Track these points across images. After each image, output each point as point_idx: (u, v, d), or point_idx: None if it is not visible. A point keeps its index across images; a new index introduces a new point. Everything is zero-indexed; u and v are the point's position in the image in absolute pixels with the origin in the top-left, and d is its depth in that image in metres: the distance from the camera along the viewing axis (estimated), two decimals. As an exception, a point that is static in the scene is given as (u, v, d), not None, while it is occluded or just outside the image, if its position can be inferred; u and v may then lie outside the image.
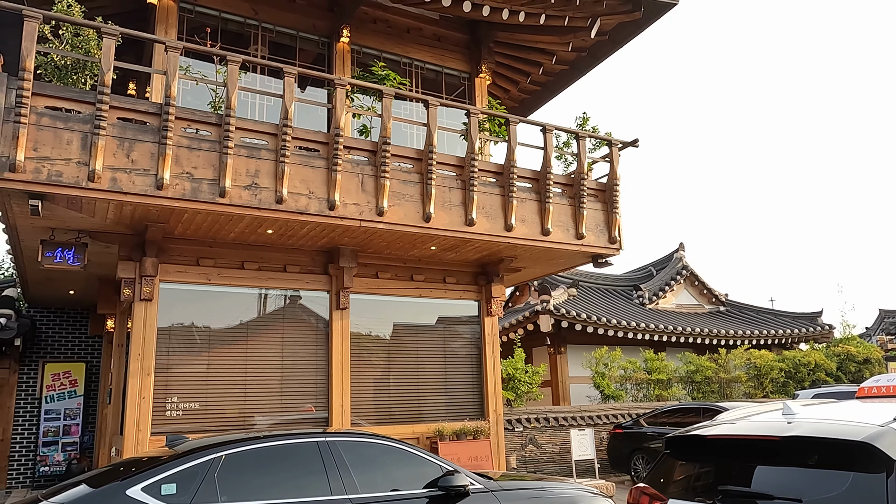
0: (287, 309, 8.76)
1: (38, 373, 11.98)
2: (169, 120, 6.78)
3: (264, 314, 8.62)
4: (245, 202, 7.16)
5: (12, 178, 6.14)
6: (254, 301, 8.56)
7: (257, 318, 8.57)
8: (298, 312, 8.83)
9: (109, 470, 4.94)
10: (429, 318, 9.76)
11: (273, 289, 8.64)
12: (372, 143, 8.10)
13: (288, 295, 8.76)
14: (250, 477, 4.60)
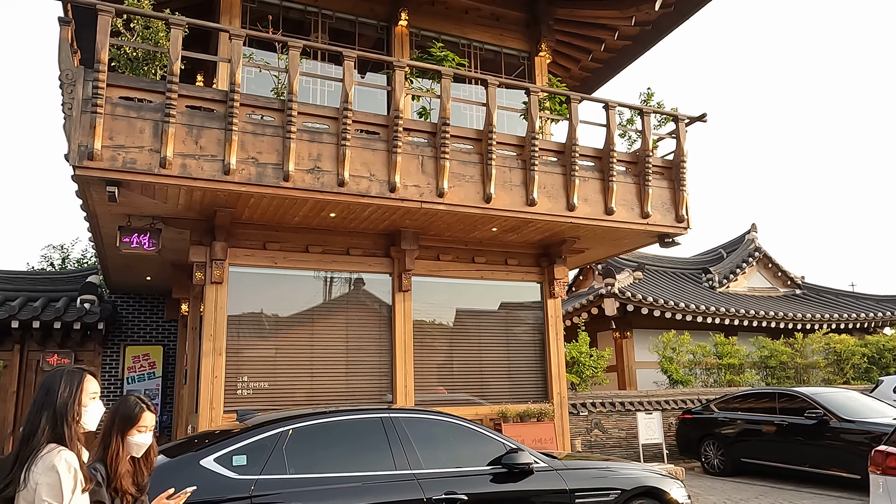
0: (350, 291, 8.90)
1: (119, 355, 12.61)
2: (234, 106, 6.95)
3: (328, 296, 8.78)
4: (308, 185, 7.28)
5: (91, 165, 6.44)
6: (318, 284, 8.73)
7: (322, 300, 8.73)
8: (361, 295, 8.96)
9: (183, 442, 5.15)
10: (490, 300, 9.72)
11: (336, 271, 8.79)
12: (431, 125, 8.10)
13: (351, 278, 8.89)
14: (316, 450, 4.71)
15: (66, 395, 2.54)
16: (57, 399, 2.52)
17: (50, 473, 2.37)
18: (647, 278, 17.87)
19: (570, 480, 5.17)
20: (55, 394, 2.54)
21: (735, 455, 11.03)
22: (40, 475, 2.37)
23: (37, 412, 2.51)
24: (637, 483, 5.44)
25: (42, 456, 2.42)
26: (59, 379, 2.58)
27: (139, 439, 2.86)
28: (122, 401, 3.04)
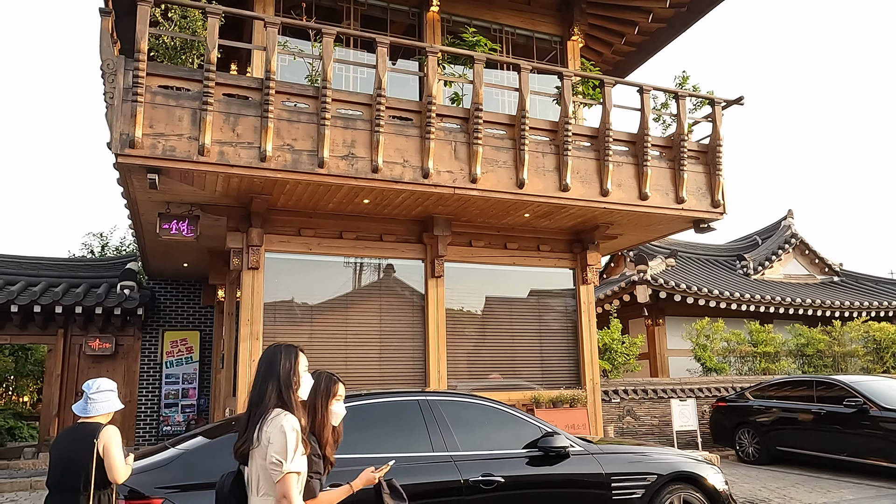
0: (383, 277, 8.97)
1: (158, 340, 12.91)
2: (270, 94, 7.03)
3: (362, 282, 8.87)
4: (342, 172, 7.35)
5: (132, 153, 6.58)
6: (352, 269, 8.81)
7: (355, 286, 8.82)
8: (394, 280, 9.02)
9: (223, 424, 5.27)
10: (523, 286, 9.71)
11: (370, 257, 8.86)
12: (464, 110, 8.09)
13: (384, 263, 8.96)
14: (357, 431, 4.77)
15: (286, 366, 2.84)
16: (279, 370, 2.82)
17: (277, 434, 2.68)
18: (680, 265, 17.65)
19: (606, 464, 5.18)
20: (277, 365, 2.84)
21: (770, 443, 10.90)
22: (270, 435, 2.69)
23: (262, 381, 2.83)
24: (674, 468, 5.42)
25: (270, 419, 2.74)
26: (279, 353, 2.88)
27: (338, 408, 3.10)
28: (319, 375, 3.29)
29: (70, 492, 3.56)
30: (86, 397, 3.81)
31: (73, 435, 3.70)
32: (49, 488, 3.66)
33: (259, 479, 2.73)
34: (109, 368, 12.63)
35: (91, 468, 3.57)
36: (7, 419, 15.97)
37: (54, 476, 3.63)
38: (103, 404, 3.82)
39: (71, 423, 11.95)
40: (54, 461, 3.67)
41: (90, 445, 3.61)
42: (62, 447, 3.67)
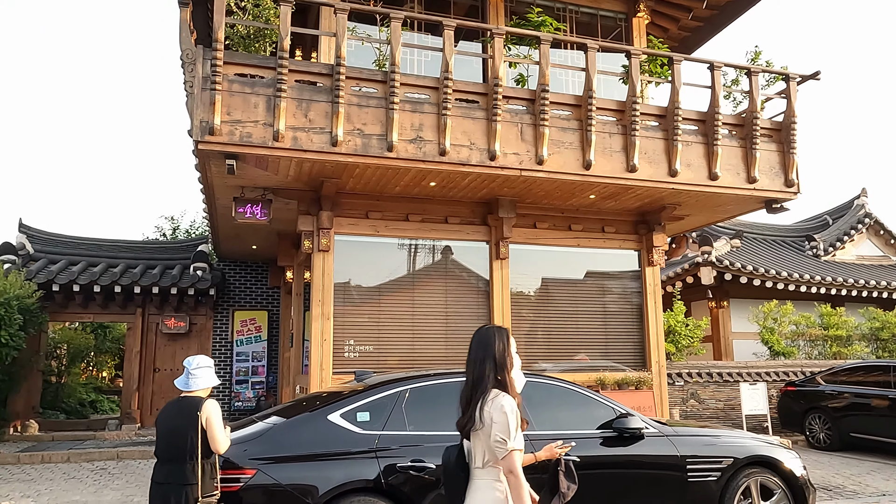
0: (448, 259, 9.07)
1: (229, 319, 13.42)
2: (340, 80, 7.17)
3: (427, 264, 9.00)
4: (411, 155, 7.45)
5: (211, 140, 6.84)
6: (418, 251, 8.95)
7: (421, 267, 8.96)
8: (459, 262, 9.12)
9: (300, 402, 5.48)
10: (587, 267, 9.67)
11: (435, 239, 8.97)
12: (530, 92, 8.06)
13: (449, 245, 9.05)
14: (433, 409, 4.91)
15: (500, 348, 2.95)
16: (494, 351, 2.93)
17: (499, 415, 2.80)
18: (746, 246, 17.17)
19: (681, 447, 5.17)
20: (492, 347, 2.95)
21: (842, 429, 10.60)
22: (492, 415, 2.81)
23: (480, 362, 2.94)
24: (750, 452, 5.37)
25: (490, 400, 2.86)
26: (493, 335, 3.00)
27: (518, 377, 3.12)
28: None
29: (177, 461, 3.80)
30: (187, 373, 4.04)
31: (177, 408, 3.93)
32: (158, 457, 3.92)
33: (483, 453, 2.88)
34: (184, 346, 13.22)
35: (196, 439, 3.80)
36: (89, 393, 16.93)
37: (162, 447, 3.87)
38: (203, 379, 4.04)
39: (148, 397, 12.57)
40: (161, 433, 3.92)
41: (194, 418, 3.84)
42: (168, 420, 3.90)
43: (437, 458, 4.57)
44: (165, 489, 3.78)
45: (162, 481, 3.81)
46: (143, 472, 9.18)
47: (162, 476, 3.82)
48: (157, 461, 3.92)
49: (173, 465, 3.81)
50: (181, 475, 3.77)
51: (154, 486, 3.84)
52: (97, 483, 8.44)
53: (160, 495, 3.78)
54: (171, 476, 3.79)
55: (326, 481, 4.36)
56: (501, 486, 2.85)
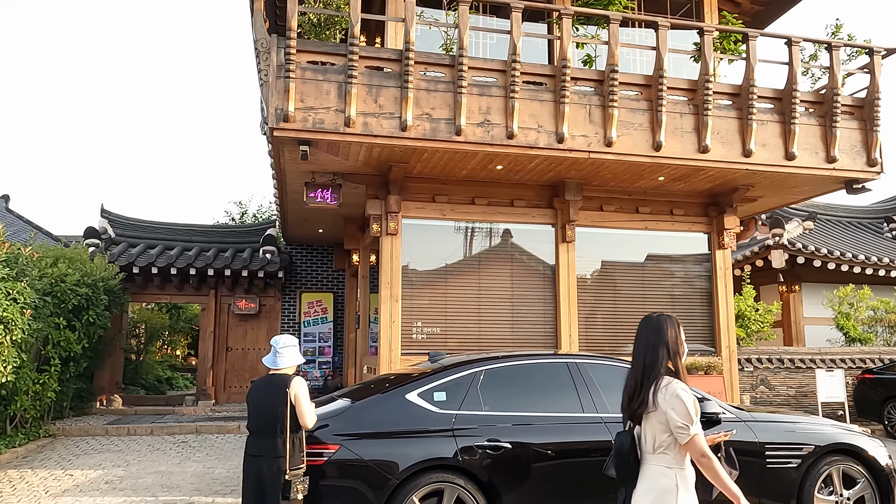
0: (514, 242, 9.09)
1: (296, 301, 13.82)
2: (409, 65, 7.24)
3: (493, 247, 9.04)
4: (478, 139, 7.48)
5: (286, 127, 7.03)
6: (483, 234, 9.00)
7: (487, 250, 9.01)
8: (524, 245, 9.12)
9: (374, 382, 5.63)
10: (655, 250, 9.52)
11: (501, 223, 8.99)
12: (598, 73, 7.95)
13: (515, 228, 9.06)
14: (508, 390, 4.99)
15: (672, 335, 3.02)
16: (667, 338, 3.00)
17: (677, 402, 2.85)
18: (819, 228, 16.52)
19: (759, 433, 5.09)
20: (665, 333, 3.01)
21: (926, 419, 10.17)
22: (669, 402, 2.86)
23: (653, 348, 3.00)
24: (832, 439, 5.24)
25: (663, 387, 2.91)
26: (665, 322, 3.06)
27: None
28: None
29: (268, 435, 4.00)
30: (274, 351, 4.22)
31: (267, 385, 4.12)
32: (250, 431, 4.13)
33: (654, 438, 2.93)
34: (254, 326, 13.71)
35: (286, 414, 3.99)
36: (165, 370, 17.77)
37: (254, 421, 4.08)
38: (289, 357, 4.22)
39: (222, 375, 13.08)
40: (253, 409, 4.12)
41: (284, 394, 4.03)
42: (259, 396, 4.10)
43: (512, 438, 4.69)
44: (259, 461, 3.99)
45: (255, 453, 4.02)
46: (220, 445, 9.62)
47: (255, 448, 4.03)
48: (250, 434, 4.13)
49: (265, 438, 4.01)
50: (273, 448, 3.97)
51: (248, 457, 4.05)
52: (180, 455, 8.89)
53: (254, 466, 3.99)
54: (263, 448, 3.99)
55: (406, 458, 4.49)
56: (671, 472, 2.88)
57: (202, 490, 7.10)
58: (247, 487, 4.01)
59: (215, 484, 7.36)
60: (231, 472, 7.92)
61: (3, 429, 8.88)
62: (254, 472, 3.97)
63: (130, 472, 7.89)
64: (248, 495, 3.99)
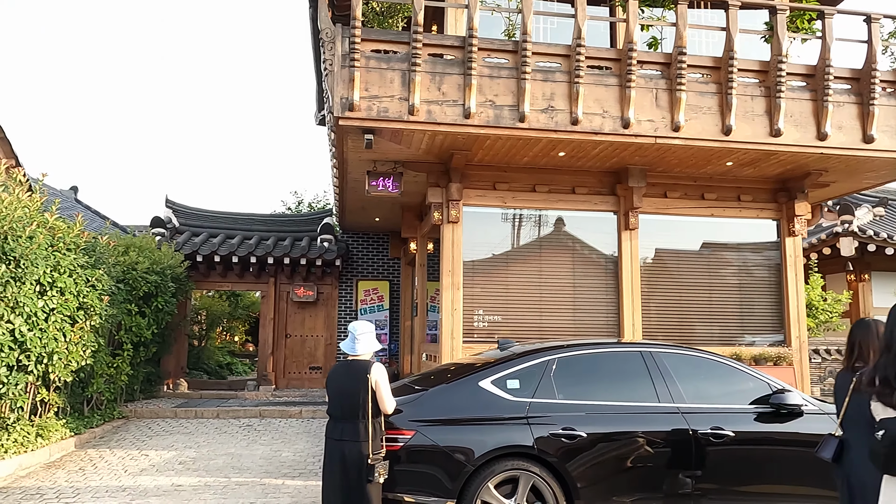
0: (575, 229, 8.97)
1: (352, 289, 13.99)
2: (473, 51, 7.19)
3: (554, 234, 8.95)
4: (542, 125, 7.40)
5: (351, 116, 7.09)
6: (544, 222, 8.91)
7: (547, 237, 8.93)
8: (586, 233, 9.00)
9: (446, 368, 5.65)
10: (721, 237, 9.27)
11: (562, 210, 8.89)
12: (665, 55, 7.76)
13: (576, 216, 8.95)
14: (581, 379, 4.94)
15: None
16: None
17: None
18: (890, 214, 15.82)
19: (844, 425, 4.91)
20: None
21: None
22: None
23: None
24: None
25: None
26: None
27: None
28: None
29: (350, 420, 4.07)
30: (353, 337, 4.27)
31: (348, 371, 4.18)
32: (332, 416, 4.19)
33: None
34: (312, 314, 13.95)
35: (367, 400, 4.05)
36: (225, 356, 18.28)
37: (336, 406, 4.13)
38: (367, 344, 4.27)
39: (281, 361, 13.35)
40: (334, 394, 4.17)
41: (365, 380, 4.08)
42: (341, 381, 4.15)
43: (587, 426, 4.65)
44: (341, 445, 4.05)
45: (338, 437, 4.08)
46: (283, 429, 9.84)
47: (338, 433, 4.10)
48: (332, 419, 4.19)
49: (347, 423, 4.07)
50: (355, 432, 4.03)
51: (330, 441, 4.12)
52: (246, 438, 9.14)
53: (337, 450, 4.06)
54: (346, 433, 4.06)
55: (481, 445, 4.50)
56: None
57: (271, 472, 7.28)
58: (329, 470, 4.09)
59: (283, 467, 7.53)
60: (297, 455, 8.10)
61: (81, 410, 9.27)
62: (337, 455, 4.04)
63: (202, 453, 8.15)
64: (331, 477, 4.06)
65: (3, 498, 6.22)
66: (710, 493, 4.70)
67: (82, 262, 7.57)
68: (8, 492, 6.43)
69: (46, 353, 6.99)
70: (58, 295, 7.00)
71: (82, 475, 7.09)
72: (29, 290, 6.49)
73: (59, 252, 7.03)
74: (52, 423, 8.01)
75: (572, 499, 4.54)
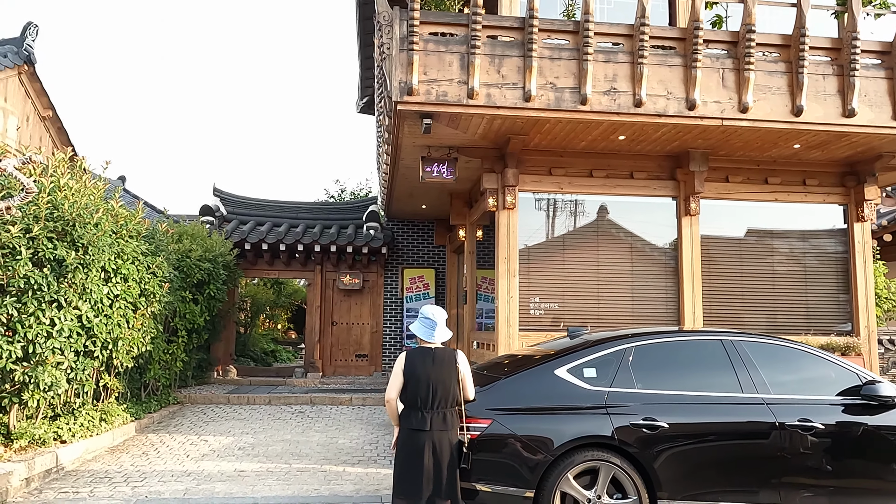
0: (633, 215, 8.75)
1: (398, 276, 13.95)
2: (533, 33, 7.02)
3: (611, 220, 8.74)
4: (604, 108, 7.20)
5: (409, 100, 6.98)
6: (601, 207, 8.71)
7: (604, 224, 8.73)
8: (644, 219, 8.77)
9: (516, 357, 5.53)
10: (785, 223, 8.95)
11: (619, 195, 8.67)
12: (732, 34, 7.47)
13: (634, 201, 8.72)
14: (660, 368, 4.78)
15: None
16: None
17: None
18: (954, 200, 15.16)
19: (941, 418, 4.67)
20: None
21: None
22: None
23: None
24: None
25: None
26: None
27: None
28: None
29: (438, 409, 3.99)
30: (431, 324, 4.17)
31: (434, 359, 4.06)
32: (411, 404, 4.08)
33: None
34: (357, 301, 13.96)
35: (456, 388, 4.00)
36: (269, 343, 18.45)
37: (422, 395, 4.00)
38: (443, 332, 4.18)
39: (328, 348, 13.38)
40: (419, 383, 4.02)
41: (455, 369, 4.02)
42: (426, 370, 4.02)
43: (669, 417, 4.50)
44: (430, 435, 3.96)
45: (425, 427, 3.97)
46: (336, 416, 9.86)
47: (425, 423, 3.98)
48: (412, 409, 4.08)
49: (435, 412, 4.00)
50: (444, 421, 3.96)
51: (414, 432, 4.00)
52: (300, 425, 9.18)
53: (424, 440, 3.96)
54: (435, 423, 3.98)
55: (560, 434, 4.39)
56: None
57: (330, 459, 7.28)
58: (415, 460, 3.95)
59: (341, 454, 7.53)
60: (353, 442, 8.10)
61: (139, 395, 9.41)
62: (424, 444, 3.94)
63: (259, 439, 8.20)
64: (417, 468, 3.93)
65: (74, 480, 6.33)
66: (798, 487, 4.52)
67: (143, 249, 7.63)
68: (78, 475, 6.54)
69: (111, 339, 7.07)
70: (121, 282, 7.07)
71: (146, 459, 7.18)
72: (95, 276, 6.56)
73: (122, 239, 7.09)
74: (114, 407, 8.14)
75: (654, 490, 4.40)
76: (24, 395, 6.21)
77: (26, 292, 5.92)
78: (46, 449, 6.53)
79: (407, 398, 4.12)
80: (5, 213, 5.11)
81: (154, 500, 5.74)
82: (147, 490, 6.04)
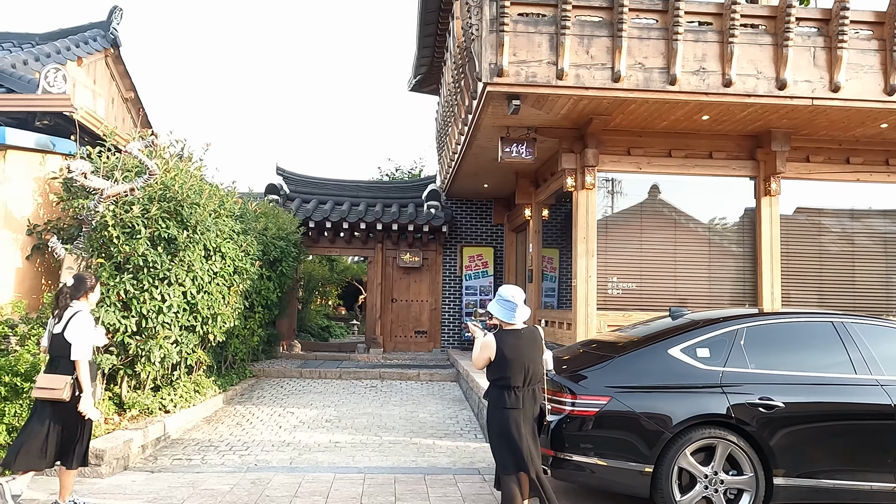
0: (712, 195, 8.73)
1: (457, 255, 14.11)
2: (623, 12, 7.00)
3: (689, 200, 8.74)
4: (693, 88, 7.17)
5: (499, 81, 7.05)
6: (680, 188, 8.70)
7: (682, 203, 8.72)
8: (723, 199, 8.75)
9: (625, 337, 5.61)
10: (866, 204, 8.85)
11: (698, 175, 8.65)
12: (823, 11, 7.35)
13: (713, 182, 8.69)
14: (772, 349, 4.84)
15: None
16: None
17: None
18: None
19: None
20: None
21: None
22: None
23: None
24: None
25: None
26: None
27: None
28: None
29: (531, 386, 4.21)
30: (510, 306, 4.27)
31: (526, 341, 4.20)
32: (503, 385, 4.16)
33: None
34: (416, 279, 14.16)
35: (541, 365, 4.27)
36: (322, 319, 18.85)
37: (517, 375, 4.15)
38: (523, 312, 4.31)
39: (388, 325, 13.62)
40: (520, 365, 4.12)
41: (539, 347, 4.27)
42: (523, 352, 4.11)
43: (784, 396, 4.57)
44: (519, 413, 4.15)
45: (516, 406, 4.14)
46: (408, 391, 10.11)
47: (515, 402, 4.14)
48: (505, 388, 4.18)
49: (525, 390, 4.22)
50: (532, 397, 4.24)
51: (507, 411, 4.11)
52: (376, 399, 9.44)
53: (516, 419, 4.12)
54: (525, 401, 4.19)
55: (678, 412, 4.49)
56: None
57: (416, 432, 7.51)
58: (511, 440, 4.12)
59: (425, 427, 7.76)
60: (433, 417, 8.32)
61: (220, 369, 9.77)
62: (518, 422, 4.12)
63: (342, 412, 8.48)
64: (516, 446, 4.11)
65: (182, 448, 6.66)
66: (912, 468, 4.57)
67: (238, 228, 7.88)
68: (184, 443, 6.88)
69: (210, 314, 7.36)
70: (220, 259, 7.33)
71: (242, 430, 7.50)
72: (199, 254, 6.82)
73: (221, 218, 7.34)
74: (205, 380, 8.48)
75: (770, 468, 4.50)
76: (137, 366, 6.53)
77: (142, 269, 6.20)
78: (155, 418, 6.87)
79: (501, 379, 4.21)
80: (129, 195, 5.35)
81: (263, 467, 6.03)
82: (254, 458, 6.33)
